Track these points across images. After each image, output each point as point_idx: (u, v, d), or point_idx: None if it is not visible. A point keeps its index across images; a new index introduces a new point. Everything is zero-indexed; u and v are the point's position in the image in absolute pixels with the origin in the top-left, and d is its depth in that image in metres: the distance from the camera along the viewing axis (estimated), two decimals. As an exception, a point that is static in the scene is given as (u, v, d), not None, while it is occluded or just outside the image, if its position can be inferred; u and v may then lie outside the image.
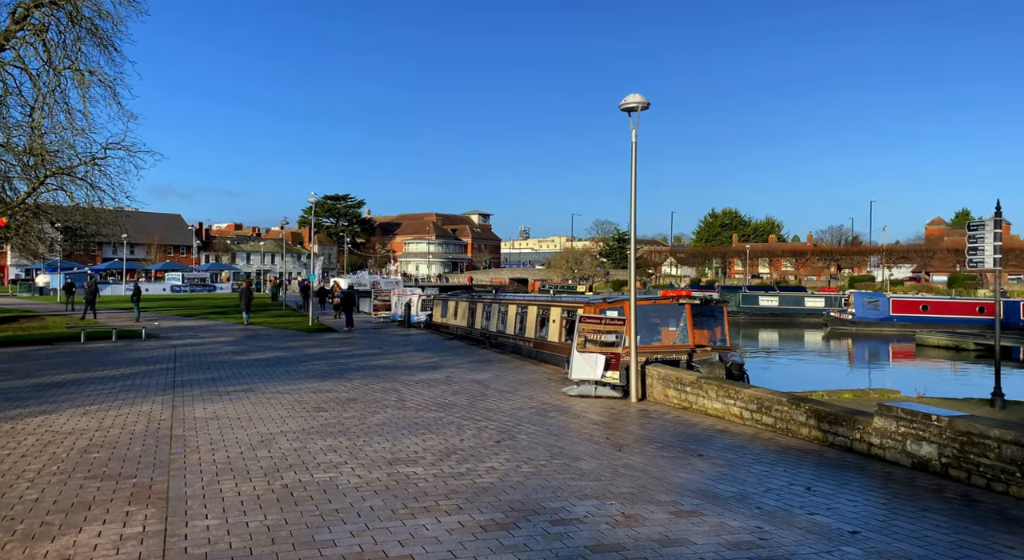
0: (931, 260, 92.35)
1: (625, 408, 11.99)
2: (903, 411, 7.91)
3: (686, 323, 16.80)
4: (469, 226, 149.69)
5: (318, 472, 7.25)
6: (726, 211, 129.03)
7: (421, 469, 7.47)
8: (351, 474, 7.20)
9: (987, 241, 12.09)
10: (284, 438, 8.89)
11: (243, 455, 7.96)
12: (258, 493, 6.47)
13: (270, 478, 7.00)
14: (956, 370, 26.04)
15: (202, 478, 6.96)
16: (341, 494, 6.49)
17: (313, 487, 6.70)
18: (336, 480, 6.96)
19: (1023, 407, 12.39)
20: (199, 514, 5.87)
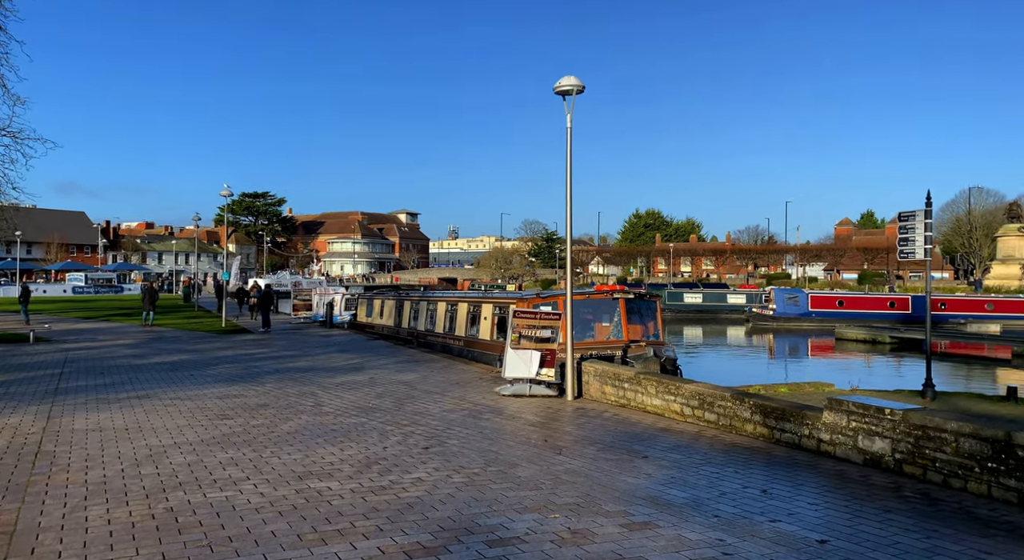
0: (842, 258, 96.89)
1: (561, 407, 11.33)
2: (855, 405, 7.53)
3: (620, 318, 16.35)
4: (396, 225, 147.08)
5: (213, 491, 6.19)
6: (649, 212, 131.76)
7: (336, 483, 6.52)
8: (253, 492, 6.18)
9: (918, 232, 12.11)
10: (177, 451, 7.72)
11: (123, 473, 6.78)
12: (134, 520, 5.38)
13: (152, 500, 5.89)
14: (877, 362, 26.82)
15: (65, 504, 5.79)
16: (238, 517, 5.48)
17: (204, 510, 5.65)
18: (234, 500, 5.93)
19: (953, 398, 12.49)
20: (51, 552, 4.76)
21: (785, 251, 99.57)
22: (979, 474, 6.27)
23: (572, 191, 12.34)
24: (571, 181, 12.32)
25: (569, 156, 12.25)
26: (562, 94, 11.98)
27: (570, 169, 12.28)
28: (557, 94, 12.02)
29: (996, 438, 6.12)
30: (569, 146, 12.23)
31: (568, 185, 12.29)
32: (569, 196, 12.34)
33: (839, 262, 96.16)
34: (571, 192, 12.33)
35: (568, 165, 12.25)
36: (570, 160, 12.26)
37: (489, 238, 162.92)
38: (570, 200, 12.35)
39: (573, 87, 11.78)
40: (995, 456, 6.14)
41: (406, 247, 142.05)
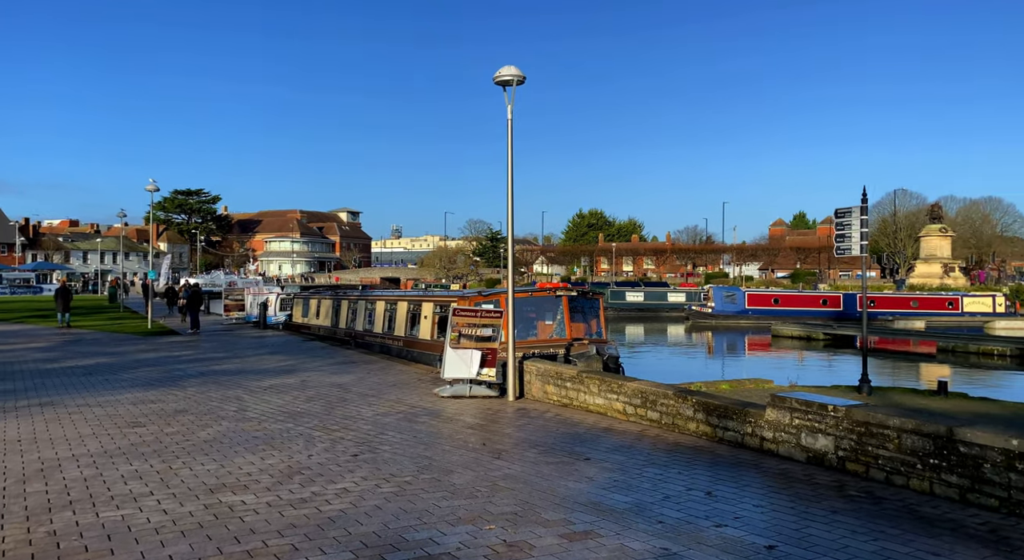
0: (776, 258, 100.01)
1: (502, 408, 10.94)
2: (797, 402, 7.39)
3: (563, 316, 16.09)
4: (337, 224, 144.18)
5: (107, 510, 5.54)
6: (592, 212, 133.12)
7: (252, 496, 5.95)
8: (154, 509, 5.55)
9: (854, 228, 12.23)
10: (74, 464, 6.98)
11: (4, 491, 6.03)
12: (4, 548, 4.70)
13: (33, 523, 5.21)
14: (812, 359, 27.45)
15: (-72, 532, 5.06)
16: (132, 540, 4.87)
17: (93, 533, 5.01)
18: (131, 520, 5.30)
19: (887, 392, 12.68)
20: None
21: (722, 251, 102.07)
22: (921, 471, 6.18)
23: (514, 185, 11.98)
24: (512, 174, 11.95)
25: (510, 148, 11.88)
26: (502, 84, 11.61)
27: (511, 161, 11.91)
28: (497, 84, 11.64)
29: (938, 434, 6.03)
30: (510, 138, 11.86)
31: (509, 178, 11.92)
32: (510, 190, 11.97)
33: (773, 261, 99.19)
34: (512, 185, 11.97)
35: (509, 157, 11.88)
36: (511, 152, 11.89)
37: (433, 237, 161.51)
38: (511, 194, 11.99)
39: (514, 77, 11.41)
40: (937, 452, 6.05)
41: (347, 246, 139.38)
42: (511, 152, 11.88)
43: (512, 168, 11.93)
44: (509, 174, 11.93)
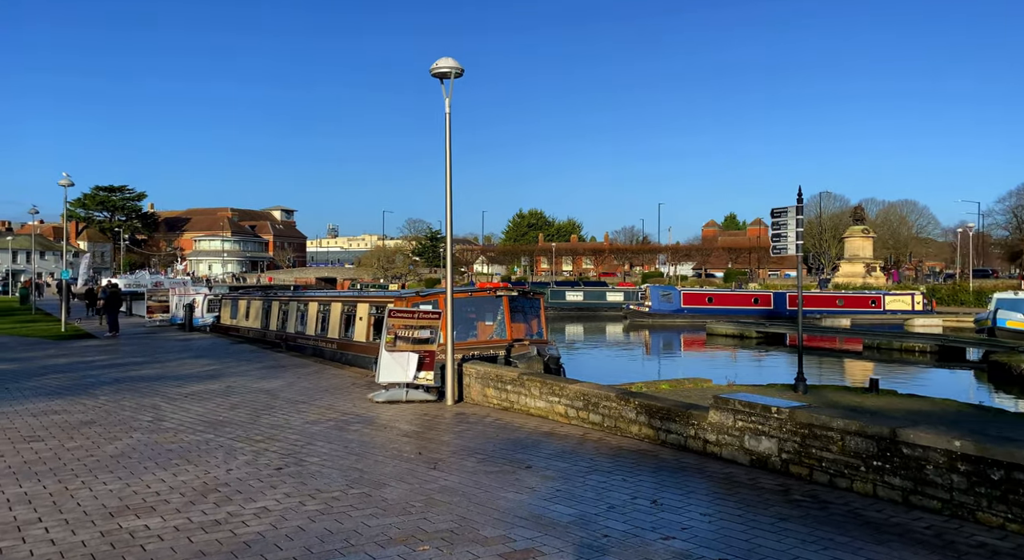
0: (709, 257, 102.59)
1: (440, 413, 10.52)
2: (741, 403, 7.26)
3: (504, 316, 15.77)
4: (270, 223, 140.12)
5: (-14, 544, 4.87)
6: (532, 212, 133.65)
7: (159, 520, 5.36)
8: (41, 540, 4.91)
9: (790, 228, 12.35)
10: (-47, 490, 6.20)
11: None
12: None
13: None
14: (746, 356, 28.02)
15: None
16: (11, 581, 4.25)
17: (-35, 573, 4.37)
18: (11, 554, 4.65)
19: (822, 390, 12.87)
20: None
21: (658, 251, 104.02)
22: (865, 473, 6.10)
23: (452, 183, 11.57)
24: (451, 170, 11.54)
25: (448, 143, 11.47)
26: (440, 77, 11.18)
27: (449, 157, 11.50)
28: (434, 77, 11.21)
29: (882, 435, 5.96)
30: (448, 132, 11.44)
31: (448, 174, 11.50)
32: (449, 186, 11.55)
33: (707, 261, 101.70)
34: (451, 182, 11.55)
35: (447, 152, 11.46)
36: (449, 147, 11.48)
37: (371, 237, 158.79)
38: (450, 190, 11.57)
39: (451, 69, 11.01)
40: (880, 454, 5.98)
41: (281, 246, 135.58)
42: (449, 147, 11.47)
43: (451, 164, 11.52)
44: (447, 170, 11.51)
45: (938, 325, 39.18)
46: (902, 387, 15.25)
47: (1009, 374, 17.56)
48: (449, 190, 11.54)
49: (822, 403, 11.50)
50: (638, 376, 18.83)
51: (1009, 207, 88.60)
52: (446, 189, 11.54)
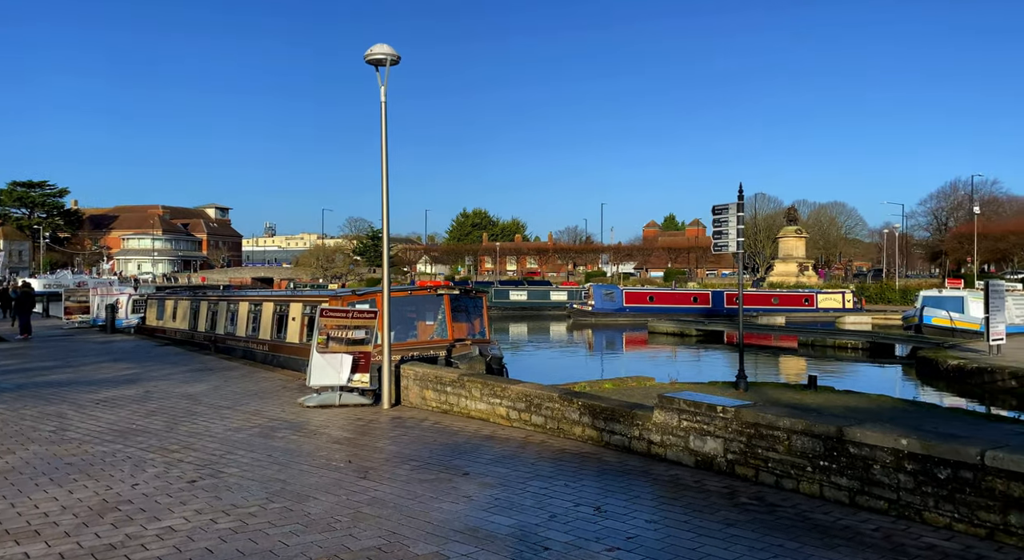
0: (650, 257, 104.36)
1: (376, 417, 10.01)
2: (686, 403, 7.04)
3: (445, 316, 15.31)
4: (204, 221, 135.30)
5: None
6: (476, 211, 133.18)
7: (42, 546, 4.74)
8: (-102, 578, 4.24)
9: (731, 225, 12.32)
10: None
11: None
12: None
13: None
14: (687, 354, 28.30)
15: None
16: None
17: None
18: None
19: (762, 388, 12.92)
20: None
21: (601, 250, 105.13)
22: (811, 473, 5.94)
23: (389, 175, 11.05)
24: (387, 162, 11.02)
25: (384, 134, 10.95)
26: (374, 64, 10.67)
27: (385, 148, 10.98)
28: (369, 64, 10.68)
29: (828, 435, 5.81)
30: (384, 122, 10.92)
31: (384, 165, 10.98)
32: (385, 178, 11.03)
33: (647, 261, 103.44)
34: (387, 175, 11.03)
35: (383, 143, 10.94)
36: (385, 138, 10.96)
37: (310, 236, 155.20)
38: (386, 183, 11.05)
39: (387, 56, 10.50)
40: (827, 454, 5.83)
41: (215, 245, 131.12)
42: (385, 138, 10.96)
43: (387, 156, 11.00)
44: (383, 162, 10.99)
45: (867, 322, 40.60)
46: (838, 383, 15.51)
47: (936, 369, 18.14)
48: (385, 182, 11.02)
49: (763, 400, 11.49)
50: (581, 375, 18.67)
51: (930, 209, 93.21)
52: (382, 181, 11.02)
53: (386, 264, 11.34)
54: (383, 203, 11.12)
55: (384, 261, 11.33)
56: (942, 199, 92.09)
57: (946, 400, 15.48)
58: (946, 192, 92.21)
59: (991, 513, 4.79)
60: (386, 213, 11.17)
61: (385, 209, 11.13)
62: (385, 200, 11.09)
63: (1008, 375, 15.45)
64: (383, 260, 11.27)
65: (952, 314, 26.12)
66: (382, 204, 11.13)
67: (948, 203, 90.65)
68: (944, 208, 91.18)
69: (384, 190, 11.03)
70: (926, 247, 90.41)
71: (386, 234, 11.34)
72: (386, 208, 11.13)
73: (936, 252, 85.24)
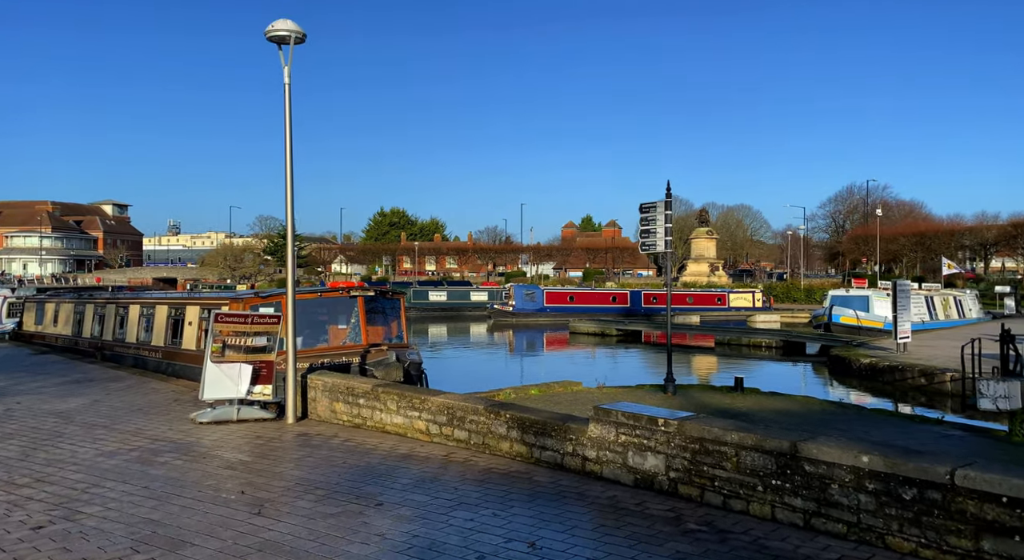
0: (568, 257, 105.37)
1: (279, 434, 8.95)
2: (624, 415, 6.42)
3: (359, 319, 14.26)
4: (100, 218, 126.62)
5: None
6: (394, 210, 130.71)
7: None
8: None
9: (658, 223, 11.94)
10: None
11: None
12: None
13: None
14: (609, 354, 28.19)
15: None
16: None
17: None
18: None
19: (690, 391, 12.62)
20: None
21: (521, 250, 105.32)
22: (763, 493, 5.43)
23: (293, 164, 9.98)
24: (291, 150, 9.95)
25: (288, 118, 9.87)
26: (277, 42, 9.60)
27: (289, 133, 9.91)
28: (270, 41, 9.60)
29: (781, 451, 5.31)
30: (287, 105, 9.85)
31: (287, 151, 9.90)
32: (289, 164, 9.95)
33: (566, 261, 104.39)
34: (291, 162, 9.96)
35: (287, 127, 9.86)
36: (289, 122, 9.88)
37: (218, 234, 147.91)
38: (290, 170, 9.97)
39: (290, 33, 9.45)
40: (780, 472, 5.33)
41: (113, 243, 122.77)
42: (289, 122, 9.88)
43: (291, 145, 9.93)
44: (287, 151, 9.92)
45: (777, 321, 42.02)
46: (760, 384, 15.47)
47: (849, 367, 18.57)
48: (289, 171, 9.94)
49: (693, 404, 11.15)
50: (505, 380, 18.00)
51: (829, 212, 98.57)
52: (286, 171, 9.94)
53: (291, 262, 10.25)
54: (287, 195, 10.03)
55: (288, 258, 10.22)
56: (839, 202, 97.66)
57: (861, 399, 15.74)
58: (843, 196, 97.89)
59: (962, 538, 4.38)
60: (290, 203, 10.08)
61: (289, 199, 10.04)
62: (289, 189, 10.00)
63: (918, 373, 15.88)
64: (287, 257, 10.16)
65: (859, 313, 27.16)
66: (286, 196, 10.04)
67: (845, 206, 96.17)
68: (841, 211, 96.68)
69: (288, 179, 9.95)
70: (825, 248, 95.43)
71: (290, 228, 10.24)
72: (290, 198, 10.05)
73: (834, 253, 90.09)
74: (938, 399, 15.16)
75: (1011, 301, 37.03)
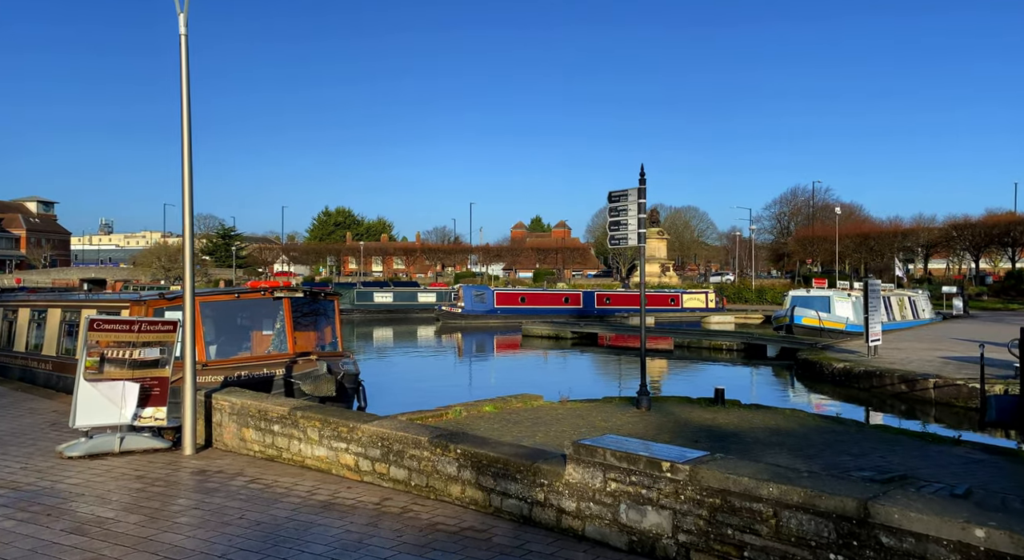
0: (518, 258, 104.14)
1: (169, 472, 7.08)
2: (614, 455, 4.84)
3: (284, 324, 12.32)
4: (23, 215, 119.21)
5: None
6: (340, 210, 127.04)
7: None
8: None
9: (631, 214, 10.43)
10: None
11: None
12: None
13: None
14: (566, 360, 26.72)
15: None
16: None
17: None
18: None
19: (663, 403, 11.14)
20: None
21: (470, 251, 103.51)
22: (817, 570, 3.90)
23: (191, 127, 8.07)
24: (189, 113, 8.04)
25: (184, 74, 7.96)
26: (170, -20, 7.69)
27: (186, 93, 8.00)
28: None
29: (843, 513, 3.80)
30: (184, 58, 7.93)
31: (186, 116, 7.99)
32: (186, 127, 8.03)
33: (516, 261, 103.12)
34: (189, 126, 8.05)
35: (183, 86, 7.95)
36: (186, 80, 7.97)
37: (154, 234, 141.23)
38: (188, 134, 8.05)
39: (187, -32, 7.56)
40: (842, 543, 3.82)
41: (37, 242, 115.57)
42: (186, 80, 7.97)
43: (188, 105, 8.03)
44: (184, 111, 8.01)
45: (731, 322, 41.41)
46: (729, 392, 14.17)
47: (819, 372, 17.52)
48: (187, 131, 8.02)
49: (672, 421, 9.69)
50: (454, 392, 16.26)
51: (774, 214, 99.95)
52: (183, 136, 8.02)
53: (188, 249, 8.29)
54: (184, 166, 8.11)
55: (185, 245, 8.25)
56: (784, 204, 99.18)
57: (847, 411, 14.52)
58: (787, 198, 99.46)
59: None
60: (188, 174, 8.14)
61: (186, 168, 8.11)
62: (186, 156, 8.08)
63: (897, 379, 14.87)
64: (184, 248, 8.20)
65: (820, 314, 26.46)
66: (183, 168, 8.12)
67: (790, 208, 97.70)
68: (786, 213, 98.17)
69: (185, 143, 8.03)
70: (770, 249, 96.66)
71: (188, 205, 8.26)
72: (188, 167, 8.11)
73: (779, 254, 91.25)
74: (920, 407, 14.16)
75: (959, 302, 37.24)
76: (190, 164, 8.05)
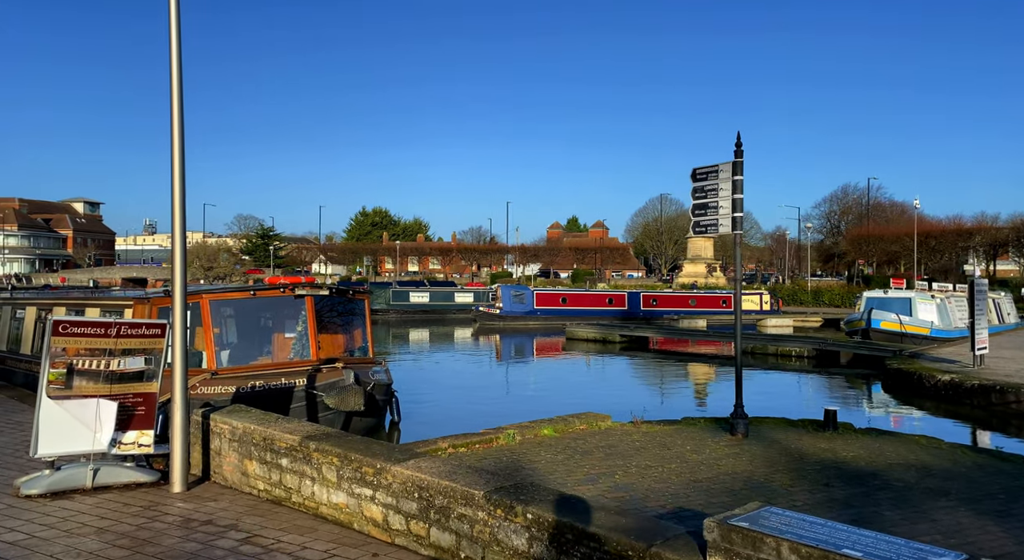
0: (556, 258, 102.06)
1: (146, 522, 5.42)
2: (798, 549, 2.93)
3: (307, 326, 10.68)
4: (70, 216, 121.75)
5: None
6: (377, 210, 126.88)
7: None
8: None
9: (723, 194, 8.46)
10: None
11: None
12: None
13: None
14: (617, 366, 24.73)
15: None
16: None
17: None
18: None
19: (762, 427, 9.04)
20: None
21: (506, 251, 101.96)
22: None
23: (183, 94, 6.42)
24: (180, 77, 6.39)
25: (175, 42, 6.30)
26: None
27: (178, 61, 6.35)
28: None
29: None
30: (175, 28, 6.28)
31: (174, 83, 6.34)
32: (177, 90, 6.37)
33: (553, 261, 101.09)
34: (180, 89, 6.39)
35: (174, 57, 6.29)
36: (178, 48, 6.32)
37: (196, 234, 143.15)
38: (179, 96, 6.39)
39: None
40: None
41: (83, 242, 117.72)
42: (178, 48, 6.30)
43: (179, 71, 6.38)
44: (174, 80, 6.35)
45: (789, 325, 38.83)
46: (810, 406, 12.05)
47: (919, 385, 15.18)
48: (177, 95, 6.35)
49: (777, 451, 7.70)
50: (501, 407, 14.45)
51: (824, 213, 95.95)
52: (171, 105, 6.36)
53: (176, 248, 6.63)
54: (173, 151, 6.45)
55: (174, 247, 6.59)
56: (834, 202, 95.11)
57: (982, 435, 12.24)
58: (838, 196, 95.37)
59: None
60: (179, 148, 6.47)
61: (177, 141, 6.44)
62: (176, 130, 6.41)
63: (1024, 395, 12.56)
64: (173, 236, 6.54)
65: (902, 317, 23.96)
66: (173, 153, 6.46)
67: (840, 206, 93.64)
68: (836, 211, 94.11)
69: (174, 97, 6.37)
70: (819, 249, 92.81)
71: (177, 190, 6.59)
72: (178, 140, 6.44)
73: (830, 254, 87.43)
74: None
75: (1041, 304, 34.12)
76: (181, 152, 6.39)
